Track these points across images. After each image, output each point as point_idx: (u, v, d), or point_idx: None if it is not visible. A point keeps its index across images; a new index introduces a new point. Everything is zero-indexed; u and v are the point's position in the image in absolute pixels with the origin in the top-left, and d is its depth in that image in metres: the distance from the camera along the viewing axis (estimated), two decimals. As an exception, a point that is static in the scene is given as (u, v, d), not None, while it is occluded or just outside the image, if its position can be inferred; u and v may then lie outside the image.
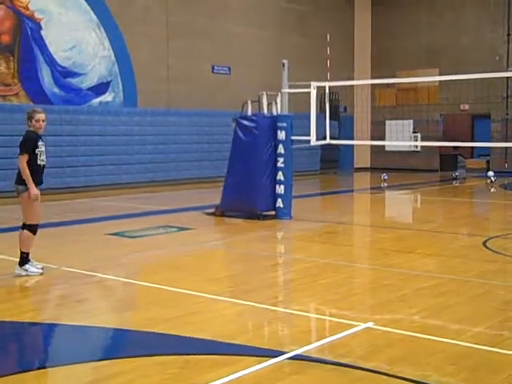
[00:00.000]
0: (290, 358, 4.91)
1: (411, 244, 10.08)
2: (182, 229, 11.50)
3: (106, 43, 19.71)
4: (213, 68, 22.57)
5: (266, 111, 12.99)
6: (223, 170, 13.79)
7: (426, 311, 6.15)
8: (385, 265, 8.37)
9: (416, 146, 26.29)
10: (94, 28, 19.41)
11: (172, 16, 21.10)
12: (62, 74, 18.62)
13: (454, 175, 23.58)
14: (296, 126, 13.05)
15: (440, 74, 24.14)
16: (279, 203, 12.66)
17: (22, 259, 7.78)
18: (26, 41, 17.90)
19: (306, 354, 5.00)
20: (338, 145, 23.54)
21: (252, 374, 4.61)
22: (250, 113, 13.03)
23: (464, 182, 22.61)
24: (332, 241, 10.77)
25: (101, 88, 19.58)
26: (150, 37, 20.59)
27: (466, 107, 25.92)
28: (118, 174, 19.29)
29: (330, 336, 5.49)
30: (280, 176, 12.65)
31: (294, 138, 12.79)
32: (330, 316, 6.13)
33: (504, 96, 24.90)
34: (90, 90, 19.31)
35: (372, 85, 26.45)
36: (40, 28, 18.17)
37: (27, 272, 7.75)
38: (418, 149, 26.55)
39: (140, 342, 5.52)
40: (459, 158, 27.44)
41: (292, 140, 12.75)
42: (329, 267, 8.35)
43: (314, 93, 12.88)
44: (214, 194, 14.45)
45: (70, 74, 18.83)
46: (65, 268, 8.17)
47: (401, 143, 26.76)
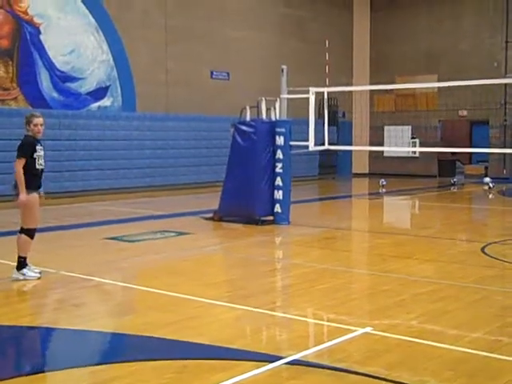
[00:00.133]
0: (288, 363, 4.90)
1: (409, 250, 10.08)
2: (180, 233, 11.50)
3: (105, 47, 19.73)
4: (212, 73, 22.58)
5: (264, 116, 13.01)
6: (221, 175, 13.79)
7: (424, 316, 6.15)
8: (383, 270, 8.37)
9: (414, 152, 26.31)
10: (93, 32, 19.43)
11: (171, 20, 21.13)
12: (60, 78, 18.63)
13: (452, 181, 23.59)
14: (294, 131, 13.06)
15: (439, 80, 24.21)
16: (277, 208, 12.66)
17: (19, 263, 7.77)
18: (25, 45, 17.91)
19: (304, 359, 5.00)
20: (336, 150, 23.57)
21: (250, 378, 4.60)
22: (248, 118, 13.04)
23: (462, 188, 22.63)
24: (330, 246, 10.77)
25: (99, 93, 19.60)
26: (148, 41, 20.61)
27: (465, 113, 25.96)
28: (116, 178, 19.28)
29: (328, 341, 5.48)
30: (278, 181, 12.65)
31: (292, 143, 12.81)
32: (328, 321, 6.12)
33: (502, 102, 24.95)
34: (89, 94, 19.32)
35: (371, 90, 26.48)
36: (39, 32, 18.18)
37: (25, 276, 7.74)
38: (417, 154, 26.57)
39: (137, 346, 5.51)
40: (457, 163, 27.46)
41: (290, 145, 12.76)
42: (327, 272, 8.35)
43: (312, 98, 12.90)
44: (212, 199, 14.44)
45: (69, 78, 18.84)
46: (63, 272, 8.16)
47: (399, 149, 26.78)
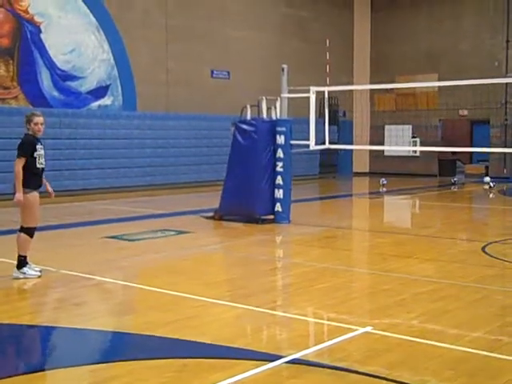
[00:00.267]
0: (288, 362, 4.90)
1: (410, 249, 10.07)
2: (180, 232, 11.49)
3: (106, 46, 19.72)
4: (212, 72, 22.58)
5: (265, 116, 13.00)
6: (222, 173, 13.79)
7: (425, 316, 6.15)
8: (383, 269, 8.37)
9: (415, 151, 26.29)
10: (94, 31, 19.43)
11: (171, 20, 21.12)
12: (61, 77, 18.62)
13: (452, 180, 23.58)
14: (295, 130, 13.05)
15: (439, 80, 24.19)
16: (278, 207, 12.65)
17: (19, 262, 7.78)
18: (26, 44, 17.91)
19: (304, 358, 4.99)
20: (336, 149, 23.58)
21: (250, 377, 4.60)
22: (249, 117, 13.04)
23: (463, 188, 22.62)
24: (331, 245, 10.76)
25: (100, 91, 19.60)
26: (149, 40, 20.61)
27: (465, 113, 25.95)
28: (116, 177, 19.28)
29: (329, 340, 5.48)
30: (279, 180, 12.64)
31: (293, 142, 12.80)
32: (329, 320, 6.11)
33: (503, 102, 24.93)
34: (90, 93, 19.31)
35: (371, 90, 26.47)
36: (40, 31, 18.18)
37: (25, 275, 7.75)
38: (417, 154, 26.54)
39: (137, 345, 5.51)
40: (458, 163, 27.46)
41: (291, 144, 12.76)
42: (327, 272, 8.34)
43: (313, 97, 12.89)
44: (212, 198, 14.44)
45: (70, 77, 18.84)
46: (63, 271, 8.16)
47: (400, 148, 26.77)
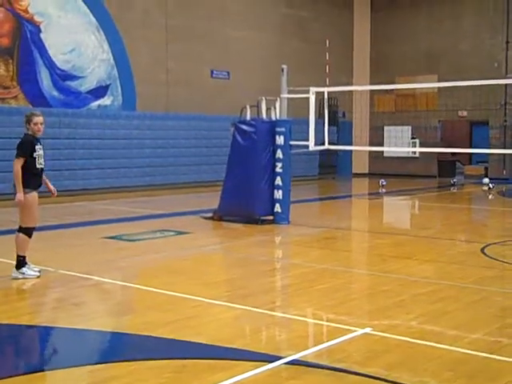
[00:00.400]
0: (287, 363, 4.89)
1: (409, 250, 10.07)
2: (179, 233, 11.49)
3: (106, 46, 19.72)
4: (212, 72, 22.59)
5: (264, 116, 13.00)
6: (221, 174, 13.78)
7: (424, 317, 6.14)
8: (383, 270, 8.36)
9: (414, 152, 26.32)
10: (94, 31, 19.43)
11: (171, 20, 21.12)
12: (61, 77, 18.62)
13: (452, 181, 23.60)
14: (295, 131, 13.06)
15: (439, 80, 24.22)
16: (277, 208, 12.65)
17: (18, 262, 7.77)
18: (26, 44, 17.91)
19: (304, 359, 4.99)
20: (336, 150, 23.58)
21: (249, 378, 4.59)
22: (248, 117, 13.04)
23: (462, 189, 22.63)
24: (330, 246, 10.76)
25: (100, 91, 19.59)
26: (149, 40, 20.61)
27: (465, 114, 25.96)
28: (116, 177, 19.28)
29: (328, 341, 5.47)
30: (278, 181, 12.64)
31: (292, 143, 12.80)
32: (328, 321, 6.11)
33: (502, 103, 24.94)
34: (89, 93, 19.31)
35: (371, 90, 26.48)
36: (39, 31, 18.18)
37: (24, 275, 7.74)
38: (417, 155, 26.57)
39: (136, 345, 5.51)
40: (457, 164, 27.46)
41: (290, 145, 12.75)
42: (327, 272, 8.34)
43: (312, 98, 12.89)
44: (212, 199, 14.43)
45: (69, 77, 18.84)
46: (62, 271, 8.16)
47: (399, 149, 26.78)
